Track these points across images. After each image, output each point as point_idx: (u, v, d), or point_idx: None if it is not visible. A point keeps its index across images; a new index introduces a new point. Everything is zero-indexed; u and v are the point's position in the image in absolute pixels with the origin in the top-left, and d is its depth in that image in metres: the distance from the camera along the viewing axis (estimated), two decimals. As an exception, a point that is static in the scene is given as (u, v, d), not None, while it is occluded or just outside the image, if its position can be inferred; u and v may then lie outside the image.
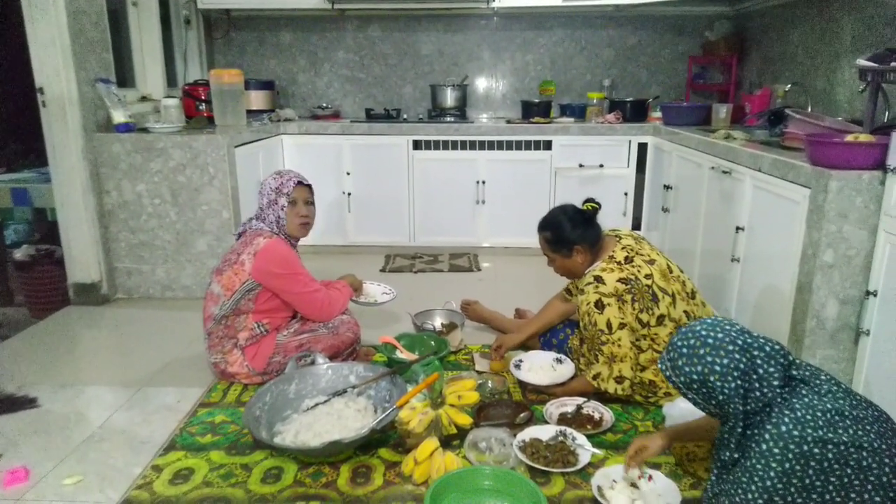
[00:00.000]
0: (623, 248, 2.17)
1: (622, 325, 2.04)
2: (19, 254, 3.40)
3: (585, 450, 1.84)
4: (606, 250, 2.19)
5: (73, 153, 3.03)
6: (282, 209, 2.34)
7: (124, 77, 3.74)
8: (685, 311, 2.13)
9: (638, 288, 2.06)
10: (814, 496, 1.29)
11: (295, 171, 2.46)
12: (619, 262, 2.12)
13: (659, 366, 1.52)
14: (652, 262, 2.14)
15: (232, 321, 2.26)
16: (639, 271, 2.09)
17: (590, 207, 2.22)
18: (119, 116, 3.16)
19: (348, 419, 1.94)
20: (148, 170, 3.14)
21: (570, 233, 2.19)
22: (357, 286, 2.63)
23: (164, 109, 3.47)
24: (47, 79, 2.94)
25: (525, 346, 2.50)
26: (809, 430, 1.29)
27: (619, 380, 2.08)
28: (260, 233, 2.31)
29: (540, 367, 2.33)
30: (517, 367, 2.32)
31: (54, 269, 3.30)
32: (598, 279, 2.08)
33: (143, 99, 3.82)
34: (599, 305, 2.05)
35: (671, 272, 2.16)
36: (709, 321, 1.47)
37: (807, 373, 1.43)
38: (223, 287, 2.25)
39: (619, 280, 2.06)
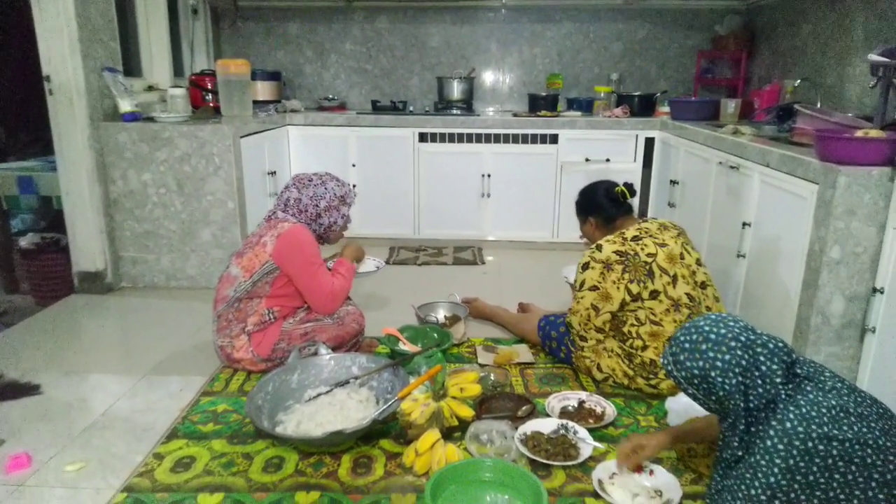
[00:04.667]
0: (638, 229, 2.25)
1: (593, 288, 2.19)
2: (25, 242, 3.41)
3: (587, 443, 1.83)
4: (623, 228, 2.30)
5: (79, 142, 3.03)
6: (342, 217, 2.45)
7: (131, 66, 3.73)
8: (688, 294, 2.14)
9: (633, 262, 2.15)
10: (817, 493, 1.28)
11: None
12: (624, 238, 2.21)
13: (661, 360, 1.52)
14: (663, 245, 2.18)
15: (245, 304, 2.28)
16: (642, 249, 2.17)
17: (619, 190, 2.37)
18: (125, 105, 3.17)
19: (350, 410, 1.94)
20: (154, 159, 3.14)
21: (591, 204, 2.43)
22: (360, 256, 2.68)
23: (170, 99, 3.47)
24: (54, 67, 2.94)
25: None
26: (814, 427, 1.27)
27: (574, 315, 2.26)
28: (286, 220, 2.33)
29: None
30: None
31: (59, 258, 3.30)
32: (599, 246, 2.23)
33: (150, 88, 3.82)
34: (586, 266, 2.23)
35: (682, 259, 2.18)
36: (713, 317, 1.46)
37: (811, 370, 1.42)
38: (242, 269, 2.28)
39: (616, 252, 2.17)
